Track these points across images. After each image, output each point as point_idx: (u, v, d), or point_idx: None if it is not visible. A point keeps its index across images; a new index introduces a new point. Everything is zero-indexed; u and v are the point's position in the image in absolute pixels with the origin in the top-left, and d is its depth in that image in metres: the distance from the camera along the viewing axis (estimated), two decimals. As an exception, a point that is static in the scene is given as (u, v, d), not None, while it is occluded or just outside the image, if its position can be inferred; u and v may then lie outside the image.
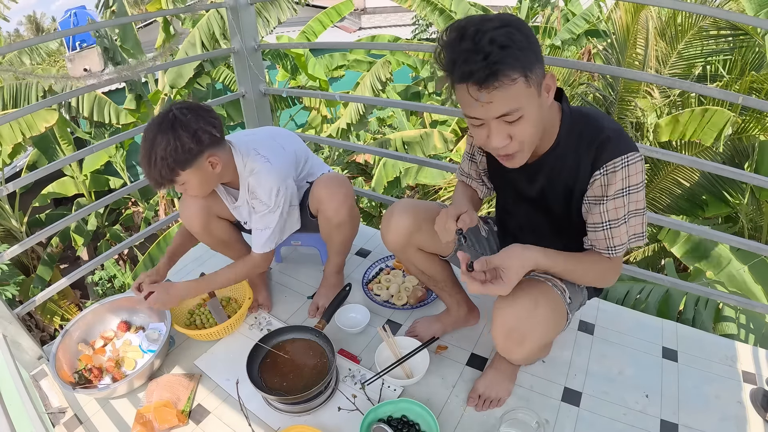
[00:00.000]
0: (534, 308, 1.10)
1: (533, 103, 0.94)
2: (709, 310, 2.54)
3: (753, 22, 1.38)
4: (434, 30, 9.65)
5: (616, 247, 1.09)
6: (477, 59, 0.87)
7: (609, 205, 1.05)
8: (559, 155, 1.09)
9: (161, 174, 1.30)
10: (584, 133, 1.05)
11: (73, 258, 7.84)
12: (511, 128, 0.96)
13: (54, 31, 18.34)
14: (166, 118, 1.29)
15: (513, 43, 0.87)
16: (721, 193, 3.63)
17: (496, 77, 0.87)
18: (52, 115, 5.30)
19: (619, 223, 1.06)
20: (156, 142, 1.28)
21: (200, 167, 1.35)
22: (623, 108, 4.08)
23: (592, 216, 1.09)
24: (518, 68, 0.88)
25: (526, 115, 0.94)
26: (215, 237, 1.63)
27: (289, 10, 5.71)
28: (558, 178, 1.11)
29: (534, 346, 1.15)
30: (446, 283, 1.49)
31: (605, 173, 1.03)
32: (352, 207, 1.54)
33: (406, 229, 1.32)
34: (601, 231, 1.08)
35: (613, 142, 1.01)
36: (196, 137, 1.30)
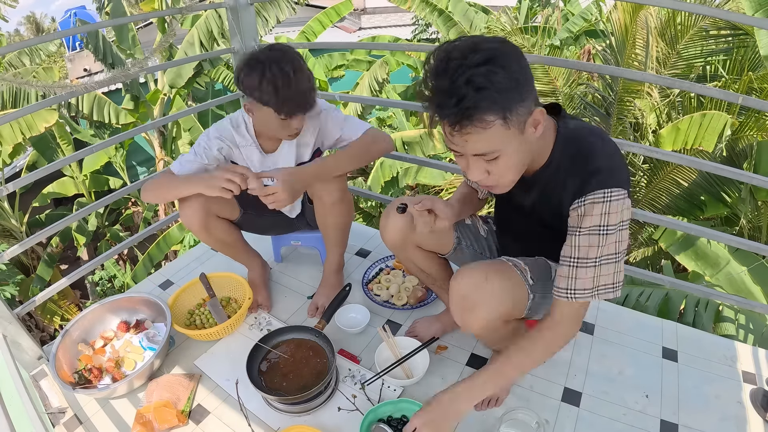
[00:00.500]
0: (484, 280, 1.11)
1: (512, 142, 0.91)
2: (710, 312, 2.54)
3: (753, 22, 1.39)
4: (434, 30, 9.66)
5: (576, 291, 1.01)
6: (450, 103, 0.85)
7: (582, 240, 0.99)
8: (552, 173, 1.06)
9: (313, 88, 1.39)
10: (576, 159, 1.01)
11: (73, 258, 7.84)
12: (489, 165, 0.95)
13: (54, 31, 18.34)
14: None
15: (491, 84, 0.83)
16: (719, 193, 3.64)
17: (470, 121, 0.86)
18: (51, 115, 5.30)
19: (588, 264, 0.99)
20: (291, 58, 1.36)
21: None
22: (622, 108, 4.09)
23: (565, 248, 1.03)
24: (495, 111, 0.85)
25: (504, 155, 0.92)
26: (214, 236, 1.63)
27: (288, 9, 5.72)
28: (551, 194, 1.08)
29: (487, 316, 1.12)
30: (445, 281, 1.48)
31: (583, 203, 0.98)
32: (343, 189, 1.54)
33: (403, 227, 1.33)
34: (566, 266, 1.02)
35: (602, 174, 0.96)
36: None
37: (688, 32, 3.91)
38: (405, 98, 7.71)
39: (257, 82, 1.34)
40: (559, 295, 1.04)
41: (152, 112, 6.22)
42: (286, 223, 1.85)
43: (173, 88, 5.84)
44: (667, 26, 3.99)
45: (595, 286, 1.01)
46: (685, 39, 3.94)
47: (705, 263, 2.93)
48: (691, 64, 4.07)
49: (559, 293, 1.04)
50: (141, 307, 1.70)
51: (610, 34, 4.38)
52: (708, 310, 2.55)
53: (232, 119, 1.60)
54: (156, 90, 6.07)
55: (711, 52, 4.02)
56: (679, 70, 4.08)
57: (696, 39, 3.95)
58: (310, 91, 1.38)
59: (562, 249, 1.04)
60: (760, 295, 2.72)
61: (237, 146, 1.60)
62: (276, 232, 1.91)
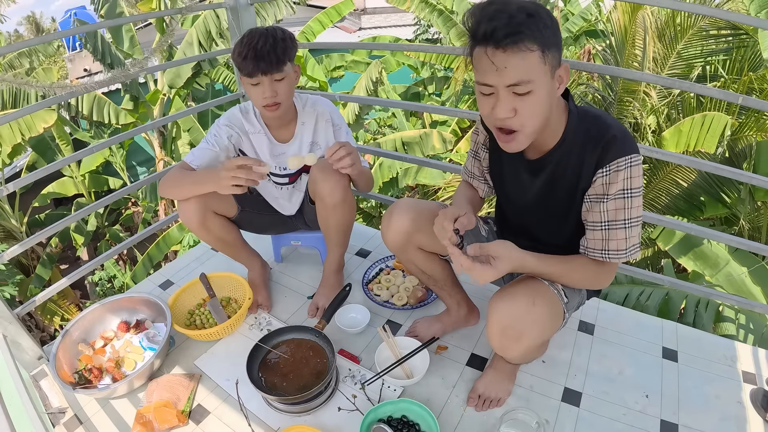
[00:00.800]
0: (531, 306, 1.10)
1: (545, 82, 0.94)
2: (710, 312, 2.54)
3: (753, 22, 1.38)
4: (435, 31, 9.66)
5: (610, 252, 1.08)
6: (502, 17, 0.89)
7: (610, 205, 1.05)
8: (565, 152, 1.08)
9: (277, 52, 1.41)
10: (591, 132, 1.05)
11: (73, 258, 7.85)
12: (519, 101, 0.95)
13: (54, 31, 18.33)
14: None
15: (539, 16, 0.90)
16: (718, 194, 3.64)
17: (516, 39, 0.89)
18: (50, 115, 5.30)
19: (618, 225, 1.06)
20: (272, 29, 1.44)
21: (292, 69, 1.49)
22: (622, 108, 4.09)
23: (592, 214, 1.08)
24: (538, 40, 0.90)
25: (536, 90, 0.94)
26: (213, 234, 1.63)
27: (287, 8, 5.72)
28: (562, 175, 1.11)
29: (531, 344, 1.15)
30: (446, 282, 1.49)
31: (608, 172, 1.03)
32: (346, 189, 1.54)
33: (406, 229, 1.33)
34: (600, 231, 1.08)
35: (618, 142, 1.02)
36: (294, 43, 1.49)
37: (688, 32, 3.91)
38: (405, 98, 7.72)
39: (235, 51, 1.45)
40: (595, 257, 1.10)
41: (152, 113, 6.22)
42: (282, 222, 1.85)
43: (172, 88, 5.84)
44: (666, 26, 4.00)
45: (627, 247, 1.07)
46: (685, 39, 3.95)
47: (704, 263, 2.93)
48: (690, 64, 4.07)
49: (593, 254, 1.10)
50: (141, 307, 1.70)
51: (609, 34, 4.38)
52: (708, 310, 2.55)
53: (242, 106, 1.64)
54: (156, 90, 6.06)
55: (711, 52, 4.02)
56: (678, 70, 4.09)
57: (695, 39, 3.95)
58: (270, 52, 1.41)
59: (589, 216, 1.09)
60: (760, 295, 2.72)
61: (246, 134, 1.63)
62: (273, 231, 1.91)
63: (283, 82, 1.46)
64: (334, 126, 1.66)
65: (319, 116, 1.63)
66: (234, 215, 1.68)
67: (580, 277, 1.15)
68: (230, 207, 1.66)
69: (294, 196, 1.77)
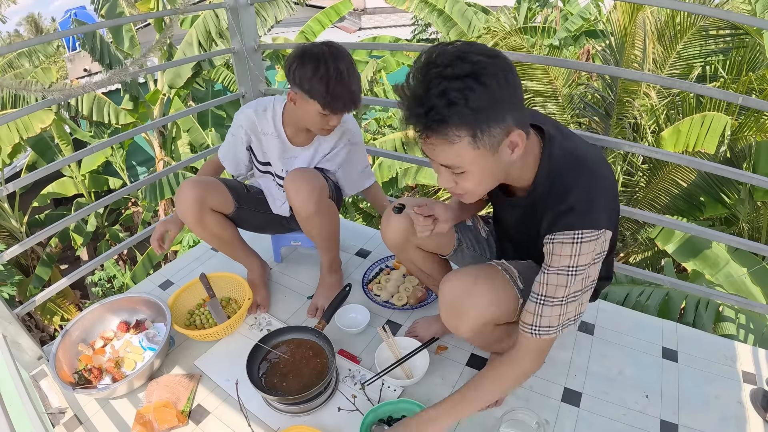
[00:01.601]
0: (472, 285, 1.12)
1: (480, 161, 0.89)
2: (710, 312, 2.54)
3: (753, 22, 1.38)
4: (433, 30, 9.65)
5: (542, 328, 1.00)
6: (420, 111, 0.84)
7: (551, 279, 0.97)
8: (534, 201, 1.04)
9: (361, 88, 1.44)
10: (552, 192, 0.98)
11: (73, 258, 7.84)
12: (457, 177, 0.94)
13: (54, 31, 18.32)
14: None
15: (465, 101, 0.81)
16: (718, 194, 3.64)
17: (434, 133, 0.85)
18: (48, 115, 5.30)
19: (555, 303, 0.98)
20: (343, 53, 1.41)
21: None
22: (622, 108, 4.09)
23: (535, 284, 1.01)
24: (463, 128, 0.83)
25: (470, 172, 0.91)
26: (209, 230, 1.63)
27: (287, 9, 5.71)
28: (531, 221, 1.07)
29: (474, 322, 1.14)
30: None
31: (552, 241, 0.96)
32: (319, 200, 1.52)
33: (405, 228, 1.33)
34: (533, 303, 1.01)
35: (572, 215, 0.93)
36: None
37: (688, 32, 3.91)
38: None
39: (310, 75, 1.37)
40: (524, 330, 1.02)
41: (152, 113, 6.22)
42: (278, 222, 1.85)
43: (172, 88, 5.84)
44: (666, 26, 4.00)
45: (561, 323, 1.00)
46: (685, 39, 3.95)
47: (704, 263, 2.93)
48: (690, 65, 4.07)
49: (524, 328, 1.03)
50: (141, 307, 1.70)
51: (609, 35, 4.38)
52: (708, 310, 2.55)
53: (259, 104, 1.65)
54: (155, 90, 6.06)
55: (710, 52, 4.02)
56: (678, 71, 4.09)
57: (695, 39, 3.95)
58: (358, 91, 1.42)
59: (533, 285, 1.02)
60: (760, 295, 2.72)
61: (257, 133, 1.65)
62: (270, 231, 1.91)
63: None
64: (354, 144, 1.70)
65: (345, 133, 1.66)
66: (231, 212, 1.68)
67: (500, 386, 1.10)
68: (227, 203, 1.65)
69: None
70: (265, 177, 1.77)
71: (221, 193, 1.63)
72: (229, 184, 1.68)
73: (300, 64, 1.38)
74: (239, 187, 1.73)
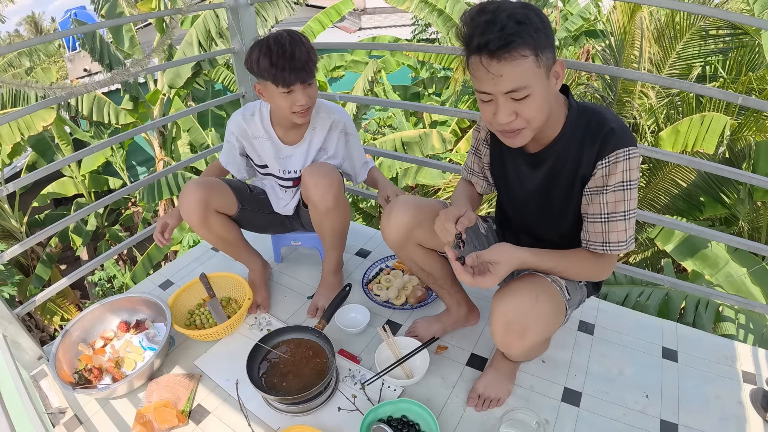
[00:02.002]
0: (534, 301, 1.11)
1: (541, 83, 0.96)
2: (710, 312, 2.54)
3: (753, 22, 1.38)
4: (433, 30, 9.65)
5: (611, 244, 1.09)
6: (493, 30, 0.91)
7: (609, 197, 1.06)
8: (564, 146, 1.10)
9: (312, 59, 1.42)
10: (590, 125, 1.07)
11: (73, 258, 7.84)
12: (518, 105, 0.98)
13: (54, 31, 18.31)
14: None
15: (529, 21, 0.91)
16: (718, 194, 3.64)
17: (508, 49, 0.91)
18: (49, 114, 5.30)
19: (617, 217, 1.07)
20: (292, 33, 1.42)
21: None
22: (621, 108, 4.09)
23: (592, 206, 1.10)
24: (530, 45, 0.92)
25: (533, 94, 0.96)
26: (214, 232, 1.63)
27: (287, 9, 5.71)
28: (562, 168, 1.12)
29: (534, 339, 1.15)
30: (445, 280, 1.49)
31: (607, 163, 1.04)
32: (337, 194, 1.54)
33: (405, 225, 1.33)
34: (599, 223, 1.09)
35: (617, 134, 1.03)
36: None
37: (687, 32, 3.91)
38: (405, 98, 7.72)
39: (255, 57, 1.41)
40: (596, 249, 1.12)
41: (152, 113, 6.21)
42: (280, 222, 1.85)
43: (172, 88, 5.84)
44: (666, 26, 4.00)
45: (626, 239, 1.09)
46: (684, 39, 3.95)
47: (704, 263, 2.93)
48: (690, 65, 4.07)
49: (595, 247, 1.12)
50: (141, 307, 1.70)
51: (609, 35, 4.38)
52: (708, 310, 2.55)
53: (246, 110, 1.65)
54: (156, 90, 6.06)
55: (710, 52, 4.03)
56: (678, 70, 4.09)
57: (695, 39, 3.95)
58: (307, 60, 1.41)
59: (587, 209, 1.11)
60: (760, 295, 2.72)
61: (248, 139, 1.65)
62: (272, 231, 1.91)
63: (313, 86, 1.47)
64: (347, 135, 1.68)
65: (335, 124, 1.64)
66: (234, 213, 1.68)
67: (579, 271, 1.17)
68: (231, 205, 1.66)
69: (296, 197, 1.78)
70: (267, 179, 1.77)
71: (225, 195, 1.63)
72: (233, 185, 1.68)
73: (249, 53, 1.43)
74: (242, 187, 1.74)
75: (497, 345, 1.24)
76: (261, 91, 1.49)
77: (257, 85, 1.48)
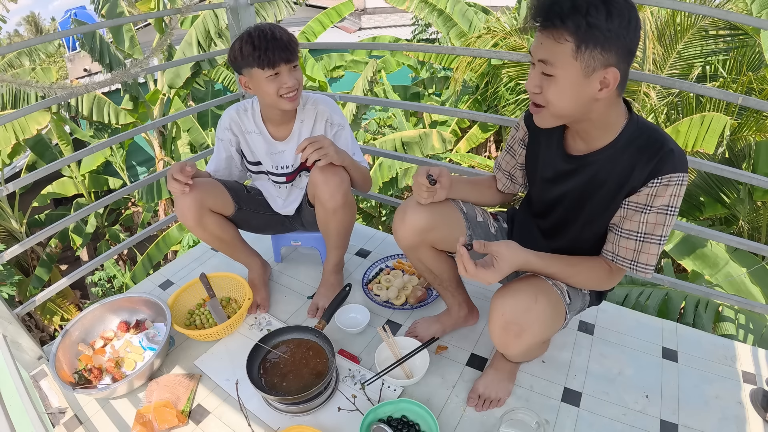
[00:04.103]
0: (533, 303, 1.10)
1: (571, 73, 0.94)
2: (710, 312, 2.54)
3: (753, 22, 1.38)
4: (433, 30, 9.65)
5: (639, 264, 1.08)
6: (546, 3, 0.91)
7: (651, 218, 1.04)
8: (615, 155, 1.07)
9: (293, 39, 1.44)
10: (649, 141, 1.04)
11: (73, 258, 7.84)
12: (544, 81, 0.98)
13: (54, 31, 18.31)
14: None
15: (587, 13, 0.88)
16: (718, 194, 3.64)
17: (549, 26, 0.91)
18: (44, 116, 5.30)
19: (653, 240, 1.05)
20: (268, 23, 1.45)
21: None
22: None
23: (629, 222, 1.07)
24: (575, 35, 0.90)
25: (558, 77, 0.96)
26: (209, 232, 1.62)
27: (287, 9, 5.71)
28: (607, 177, 1.09)
29: (531, 341, 1.15)
30: (451, 282, 1.48)
31: (659, 184, 1.01)
32: (346, 193, 1.54)
33: (421, 227, 1.30)
34: (634, 241, 1.07)
35: (676, 157, 1.00)
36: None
37: (688, 32, 3.91)
38: (405, 98, 7.72)
39: (238, 47, 1.43)
40: (623, 265, 1.10)
41: (152, 113, 6.22)
42: (280, 222, 1.85)
43: (172, 88, 5.84)
44: (666, 26, 4.00)
45: (654, 263, 1.08)
46: (685, 39, 3.95)
47: (704, 263, 2.93)
48: (690, 64, 4.07)
49: (622, 263, 1.10)
50: (141, 307, 1.70)
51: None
52: (708, 310, 2.55)
53: (239, 106, 1.65)
54: (155, 90, 6.06)
55: (710, 52, 4.02)
56: (678, 70, 4.09)
57: (695, 39, 3.95)
58: (289, 41, 1.44)
59: (624, 223, 1.08)
60: (760, 295, 2.72)
61: (243, 134, 1.66)
62: (271, 231, 1.91)
63: (298, 70, 1.49)
64: (333, 126, 1.64)
65: (319, 115, 1.62)
66: (231, 214, 1.67)
67: (585, 280, 1.17)
68: (227, 205, 1.65)
69: (292, 194, 1.77)
70: (260, 178, 1.77)
71: (221, 195, 1.63)
72: (229, 186, 1.68)
73: (231, 49, 1.46)
74: (239, 188, 1.73)
75: (495, 344, 1.24)
76: (247, 83, 1.50)
77: (242, 77, 1.49)
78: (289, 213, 1.80)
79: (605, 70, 0.94)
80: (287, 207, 1.79)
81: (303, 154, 1.43)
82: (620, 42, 0.91)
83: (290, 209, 1.79)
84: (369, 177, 1.68)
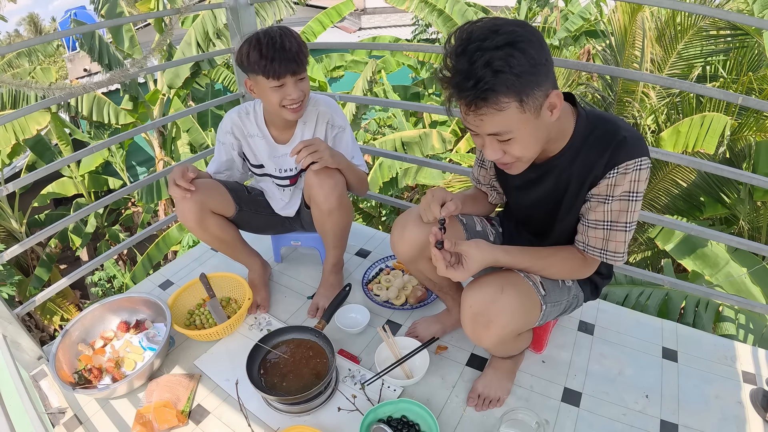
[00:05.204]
0: (499, 294, 1.11)
1: (527, 125, 0.93)
2: (710, 312, 2.54)
3: (752, 22, 1.38)
4: (434, 30, 9.65)
5: (608, 252, 1.10)
6: (468, 85, 0.87)
7: (614, 206, 1.05)
8: (573, 155, 1.08)
9: (303, 51, 1.43)
10: (600, 134, 1.05)
11: (73, 258, 7.84)
12: (505, 145, 0.98)
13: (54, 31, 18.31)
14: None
15: (510, 68, 0.85)
16: (718, 194, 3.64)
17: (485, 103, 0.88)
18: (44, 117, 5.29)
19: (619, 227, 1.07)
20: (283, 28, 1.42)
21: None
22: (622, 108, 4.09)
23: (595, 213, 1.09)
24: (511, 95, 0.88)
25: (518, 137, 0.95)
26: (210, 233, 1.62)
27: (287, 8, 5.71)
28: (570, 176, 1.10)
29: (501, 331, 1.14)
30: (451, 287, 1.48)
31: (616, 174, 1.02)
32: (341, 195, 1.53)
33: (420, 243, 1.28)
34: (602, 230, 1.09)
35: (629, 144, 1.01)
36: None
37: (688, 32, 3.91)
38: (405, 98, 7.72)
39: (245, 51, 1.41)
40: (593, 254, 1.12)
41: (152, 113, 6.21)
42: (280, 223, 1.85)
43: (172, 88, 5.83)
44: (667, 26, 4.00)
45: (623, 251, 1.10)
46: (685, 39, 3.95)
47: (704, 263, 2.93)
48: (690, 65, 4.07)
49: (593, 252, 1.12)
50: (141, 307, 1.70)
51: (609, 35, 4.38)
52: (708, 310, 2.54)
53: (241, 109, 1.65)
54: (155, 90, 6.06)
55: (711, 52, 4.02)
56: (678, 71, 4.09)
57: (696, 39, 3.95)
58: (298, 53, 1.41)
59: (590, 214, 1.10)
60: (760, 295, 2.72)
61: (245, 137, 1.65)
62: (271, 232, 1.91)
63: (305, 81, 1.47)
64: (334, 128, 1.63)
65: (320, 117, 1.62)
66: (232, 215, 1.67)
67: (559, 270, 1.18)
68: (228, 206, 1.65)
69: (295, 196, 1.77)
70: (264, 180, 1.77)
71: (222, 196, 1.62)
72: (230, 186, 1.68)
73: (239, 49, 1.44)
74: (240, 189, 1.73)
75: (468, 337, 1.23)
76: (252, 87, 1.49)
77: (248, 81, 1.48)
78: (290, 214, 1.80)
79: (548, 98, 0.93)
80: (289, 209, 1.79)
81: (297, 157, 1.42)
82: (544, 67, 0.90)
83: (291, 211, 1.79)
84: (365, 180, 1.67)
